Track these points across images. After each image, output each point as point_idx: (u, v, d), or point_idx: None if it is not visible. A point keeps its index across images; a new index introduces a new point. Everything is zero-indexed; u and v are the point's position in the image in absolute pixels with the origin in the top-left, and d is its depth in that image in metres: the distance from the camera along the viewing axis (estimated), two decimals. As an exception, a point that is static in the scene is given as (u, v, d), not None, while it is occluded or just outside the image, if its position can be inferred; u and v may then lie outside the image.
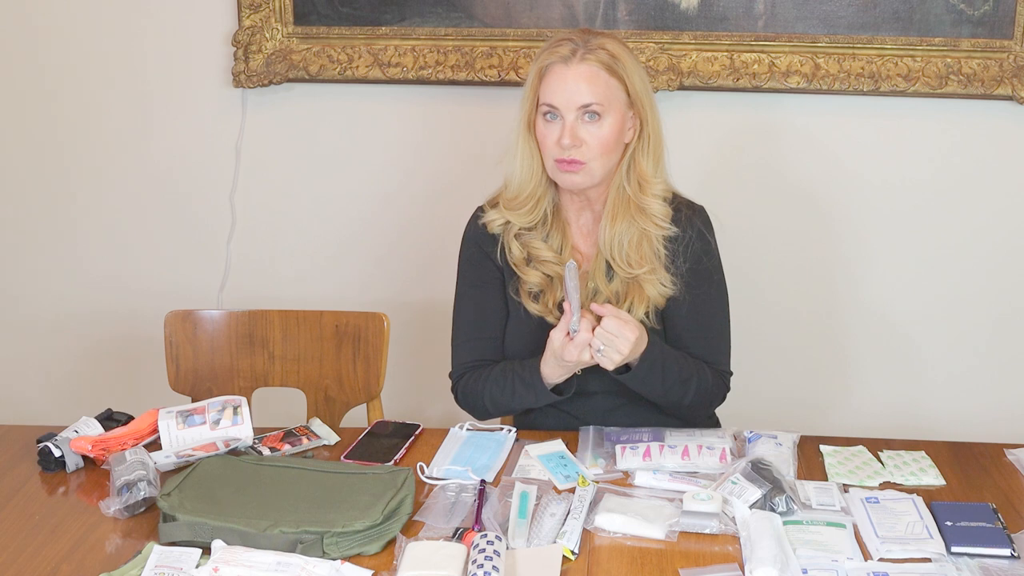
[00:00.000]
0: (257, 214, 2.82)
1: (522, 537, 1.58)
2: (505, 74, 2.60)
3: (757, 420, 2.08)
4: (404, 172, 2.75)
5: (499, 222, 1.97)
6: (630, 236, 1.92)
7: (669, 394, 1.90)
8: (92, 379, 2.94)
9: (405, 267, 2.80)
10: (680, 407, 1.94)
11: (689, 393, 1.91)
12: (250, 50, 2.66)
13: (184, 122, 2.77)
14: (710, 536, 1.60)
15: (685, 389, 1.91)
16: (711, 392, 1.97)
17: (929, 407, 2.75)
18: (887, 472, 1.79)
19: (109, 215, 2.86)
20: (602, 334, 1.78)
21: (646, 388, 1.90)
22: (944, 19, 2.48)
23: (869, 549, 1.56)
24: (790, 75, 2.54)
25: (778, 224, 2.69)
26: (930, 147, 2.61)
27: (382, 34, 2.64)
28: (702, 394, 1.94)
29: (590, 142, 1.85)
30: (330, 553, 1.53)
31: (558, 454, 1.84)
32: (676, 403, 1.93)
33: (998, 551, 1.54)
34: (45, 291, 2.92)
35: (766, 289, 2.71)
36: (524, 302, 1.96)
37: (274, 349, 2.28)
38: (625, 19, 2.56)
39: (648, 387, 1.89)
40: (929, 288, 2.69)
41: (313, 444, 1.91)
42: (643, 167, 1.91)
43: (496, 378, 1.95)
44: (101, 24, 2.73)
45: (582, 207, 1.98)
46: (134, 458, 1.74)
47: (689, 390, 1.91)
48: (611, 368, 1.82)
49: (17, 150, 2.85)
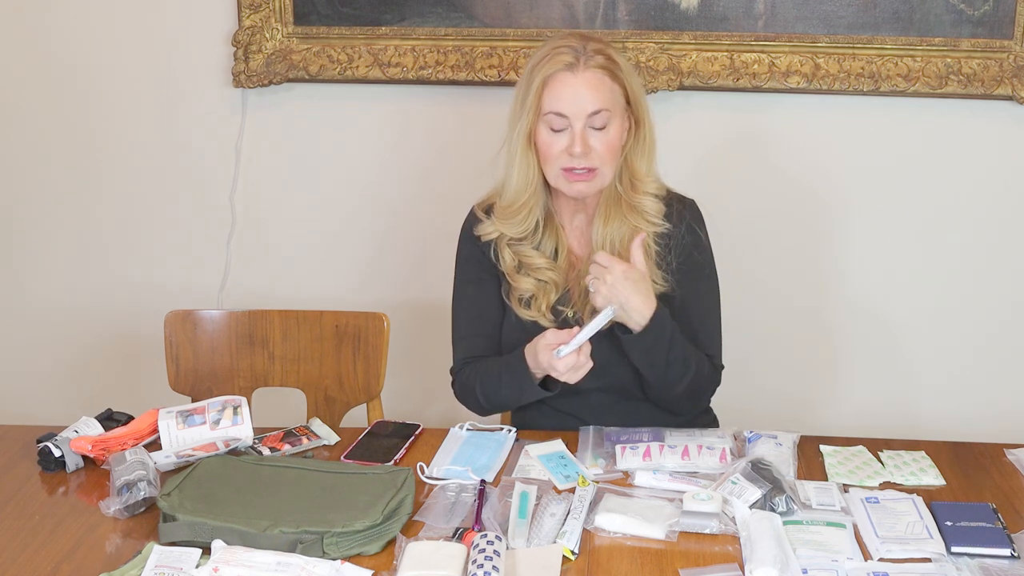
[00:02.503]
0: (257, 214, 2.82)
1: (522, 537, 1.58)
2: (505, 74, 2.60)
3: (755, 418, 2.08)
4: (404, 172, 2.75)
5: (494, 235, 1.97)
6: (622, 235, 1.92)
7: (670, 370, 1.88)
8: (92, 379, 2.94)
9: (405, 267, 2.80)
10: (674, 389, 1.91)
11: (688, 375, 1.89)
12: (250, 50, 2.66)
13: (184, 122, 2.77)
14: (710, 536, 1.60)
15: (685, 370, 1.89)
16: (706, 380, 1.95)
17: (929, 406, 2.75)
18: (887, 472, 1.79)
19: (109, 215, 2.86)
20: (594, 267, 1.81)
21: (649, 357, 1.87)
22: (944, 19, 2.48)
23: (869, 549, 1.56)
24: (790, 75, 2.54)
25: (778, 223, 2.69)
26: (930, 147, 2.61)
27: (382, 34, 2.64)
28: (699, 380, 1.92)
29: (599, 148, 1.85)
30: (330, 553, 1.53)
31: (558, 454, 1.84)
32: (672, 383, 1.90)
33: (998, 551, 1.54)
34: (45, 291, 2.92)
35: (766, 288, 2.71)
36: (516, 309, 1.96)
37: (274, 349, 2.28)
38: (625, 19, 2.56)
39: (652, 356, 1.86)
40: (929, 287, 2.69)
41: (313, 444, 1.91)
42: (636, 166, 1.92)
43: (487, 368, 1.95)
44: (101, 24, 2.73)
45: (576, 210, 1.98)
46: (134, 458, 1.74)
47: (688, 372, 1.89)
48: (599, 303, 1.80)
49: (16, 150, 2.85)
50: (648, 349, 1.86)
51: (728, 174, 2.67)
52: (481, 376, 1.96)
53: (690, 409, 2.02)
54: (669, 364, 1.87)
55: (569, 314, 1.95)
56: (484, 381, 1.95)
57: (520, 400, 1.94)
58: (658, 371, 1.89)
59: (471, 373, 1.98)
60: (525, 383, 1.88)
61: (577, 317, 1.94)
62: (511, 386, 1.91)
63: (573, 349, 1.76)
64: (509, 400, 1.96)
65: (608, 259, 1.83)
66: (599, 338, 1.81)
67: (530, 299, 1.96)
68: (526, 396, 1.92)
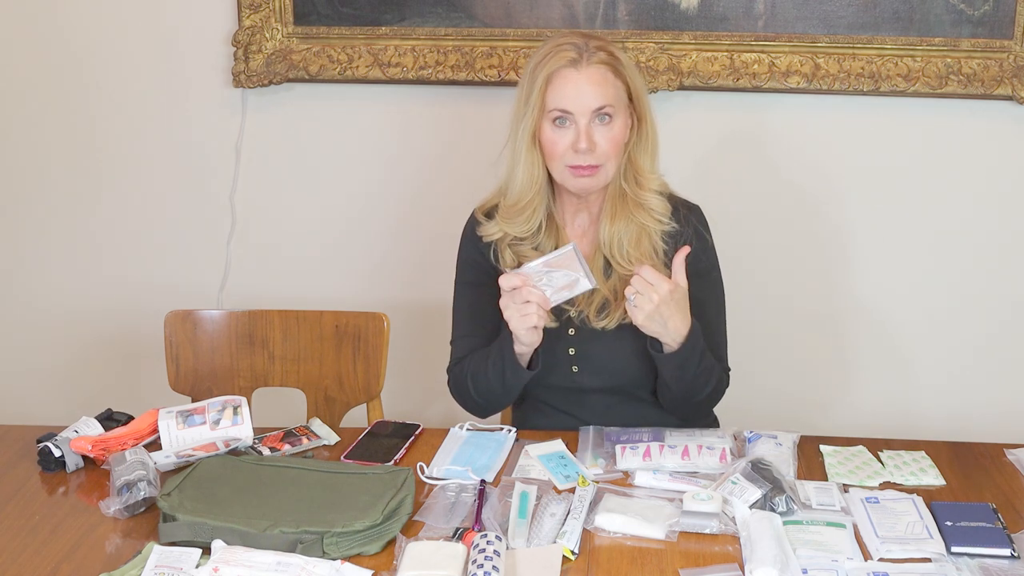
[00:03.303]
0: (257, 214, 2.82)
1: (522, 537, 1.58)
2: (505, 74, 2.60)
3: (755, 418, 2.08)
4: (404, 172, 2.75)
5: (497, 235, 1.97)
6: (629, 233, 1.92)
7: (696, 381, 1.89)
8: (92, 379, 2.94)
9: (405, 267, 2.80)
10: (696, 398, 1.92)
11: (710, 384, 1.91)
12: (250, 50, 2.66)
13: (184, 122, 2.77)
14: (710, 536, 1.60)
15: (708, 379, 1.90)
16: (721, 385, 1.97)
17: (929, 406, 2.75)
18: (887, 472, 1.79)
19: (109, 215, 2.86)
20: (638, 281, 1.78)
21: (681, 371, 1.87)
22: (944, 19, 2.48)
23: (869, 549, 1.56)
24: (790, 75, 2.54)
25: (777, 224, 2.69)
26: (930, 147, 2.61)
27: (382, 34, 2.64)
28: (717, 386, 1.94)
29: (603, 145, 1.85)
30: (330, 553, 1.53)
31: (558, 454, 1.84)
32: (696, 392, 1.91)
33: (998, 551, 1.54)
34: (45, 291, 2.92)
35: (767, 288, 2.71)
36: None
37: (274, 349, 2.28)
38: (625, 19, 2.56)
39: (684, 371, 1.87)
40: (929, 287, 2.69)
41: (313, 444, 1.91)
42: (640, 163, 1.92)
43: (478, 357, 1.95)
44: (101, 24, 2.73)
45: (579, 210, 1.98)
46: (134, 458, 1.74)
47: (711, 381, 1.91)
48: (641, 320, 1.79)
49: (17, 150, 2.85)
50: (682, 364, 1.86)
51: (728, 174, 2.67)
52: (473, 366, 1.95)
53: (703, 417, 2.03)
54: (696, 376, 1.89)
55: (572, 314, 1.95)
56: (475, 370, 1.95)
57: (504, 383, 1.91)
58: (686, 383, 1.90)
59: (464, 367, 1.98)
60: (508, 362, 1.87)
61: (581, 317, 1.94)
62: (496, 366, 1.89)
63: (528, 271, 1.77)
64: (495, 384, 1.93)
65: (654, 275, 1.79)
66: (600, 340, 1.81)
67: None
68: (509, 377, 1.89)
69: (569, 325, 1.95)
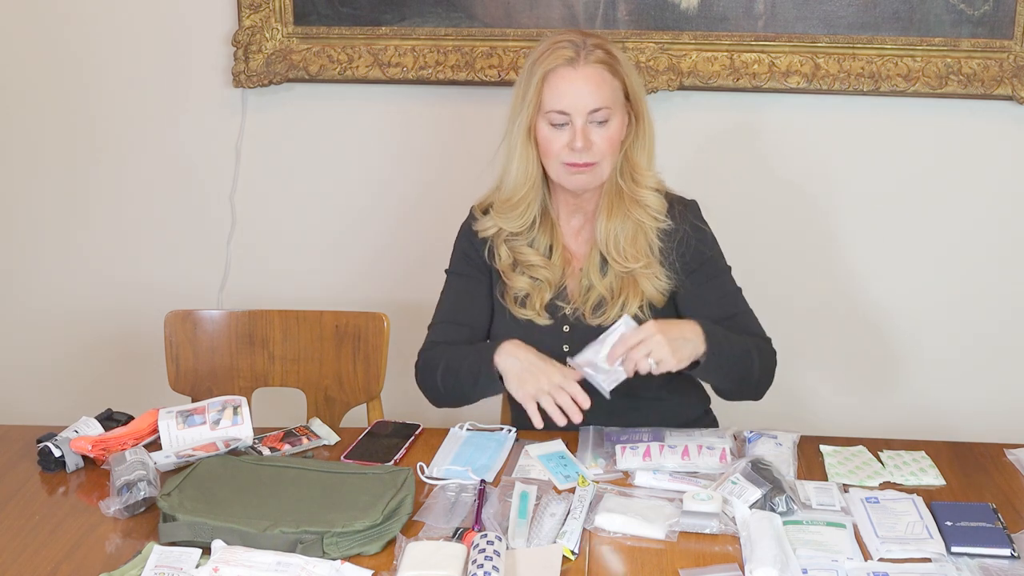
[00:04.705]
0: (257, 214, 2.82)
1: (522, 537, 1.58)
2: (505, 74, 2.60)
3: (755, 418, 2.08)
4: (404, 172, 2.76)
5: (492, 230, 1.97)
6: (626, 230, 1.92)
7: (739, 366, 1.86)
8: (92, 379, 2.94)
9: (405, 267, 2.80)
10: (751, 379, 1.90)
11: (754, 359, 1.88)
12: (250, 50, 2.66)
13: (184, 122, 2.77)
14: (710, 536, 1.60)
15: (749, 357, 1.88)
16: (767, 354, 1.94)
17: (929, 406, 2.75)
18: (887, 472, 1.79)
19: (109, 215, 2.86)
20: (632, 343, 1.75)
21: (722, 371, 1.85)
22: (944, 19, 2.48)
23: (869, 549, 1.56)
24: (790, 75, 2.54)
25: (778, 224, 2.69)
26: (930, 147, 2.61)
27: (382, 34, 2.64)
28: (764, 358, 1.91)
29: (600, 143, 1.86)
30: (330, 553, 1.53)
31: (558, 454, 1.84)
32: (747, 375, 1.89)
33: (998, 551, 1.54)
34: (45, 291, 2.92)
35: (767, 288, 2.69)
36: (510, 307, 1.96)
37: (274, 349, 2.28)
38: (625, 19, 2.56)
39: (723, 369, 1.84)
40: (929, 288, 2.69)
41: (313, 444, 1.91)
42: (637, 161, 1.92)
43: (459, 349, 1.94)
44: (101, 24, 2.73)
45: (575, 208, 1.98)
46: (134, 458, 1.74)
47: (752, 357, 1.88)
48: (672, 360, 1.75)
49: (16, 150, 2.85)
50: (720, 365, 1.83)
51: (728, 174, 2.67)
52: (448, 359, 1.94)
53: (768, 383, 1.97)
54: (734, 363, 1.86)
55: (567, 311, 1.95)
56: (449, 363, 1.93)
57: (475, 386, 1.89)
58: (733, 375, 1.88)
59: (440, 353, 1.97)
60: (485, 371, 1.85)
61: (576, 314, 1.94)
62: (472, 367, 1.88)
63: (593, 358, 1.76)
64: (465, 383, 1.90)
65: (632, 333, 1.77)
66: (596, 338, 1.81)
67: (525, 297, 1.96)
68: (482, 382, 1.87)
69: (564, 323, 1.95)
